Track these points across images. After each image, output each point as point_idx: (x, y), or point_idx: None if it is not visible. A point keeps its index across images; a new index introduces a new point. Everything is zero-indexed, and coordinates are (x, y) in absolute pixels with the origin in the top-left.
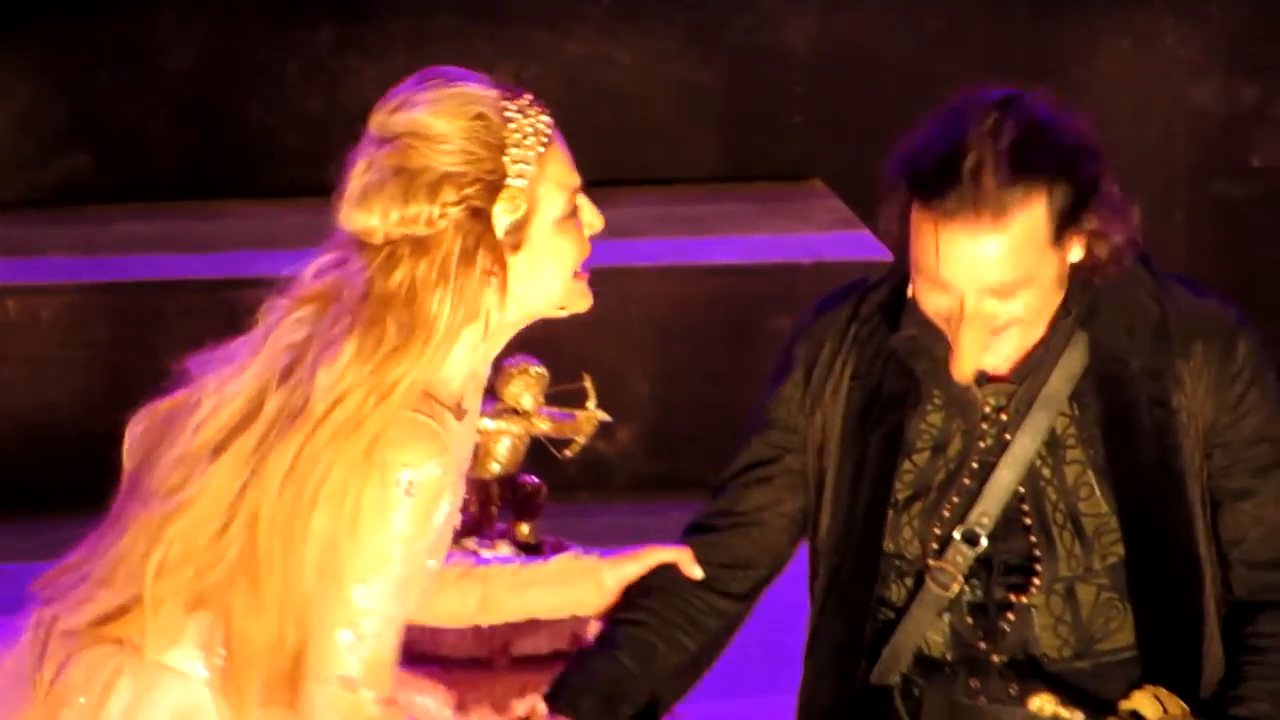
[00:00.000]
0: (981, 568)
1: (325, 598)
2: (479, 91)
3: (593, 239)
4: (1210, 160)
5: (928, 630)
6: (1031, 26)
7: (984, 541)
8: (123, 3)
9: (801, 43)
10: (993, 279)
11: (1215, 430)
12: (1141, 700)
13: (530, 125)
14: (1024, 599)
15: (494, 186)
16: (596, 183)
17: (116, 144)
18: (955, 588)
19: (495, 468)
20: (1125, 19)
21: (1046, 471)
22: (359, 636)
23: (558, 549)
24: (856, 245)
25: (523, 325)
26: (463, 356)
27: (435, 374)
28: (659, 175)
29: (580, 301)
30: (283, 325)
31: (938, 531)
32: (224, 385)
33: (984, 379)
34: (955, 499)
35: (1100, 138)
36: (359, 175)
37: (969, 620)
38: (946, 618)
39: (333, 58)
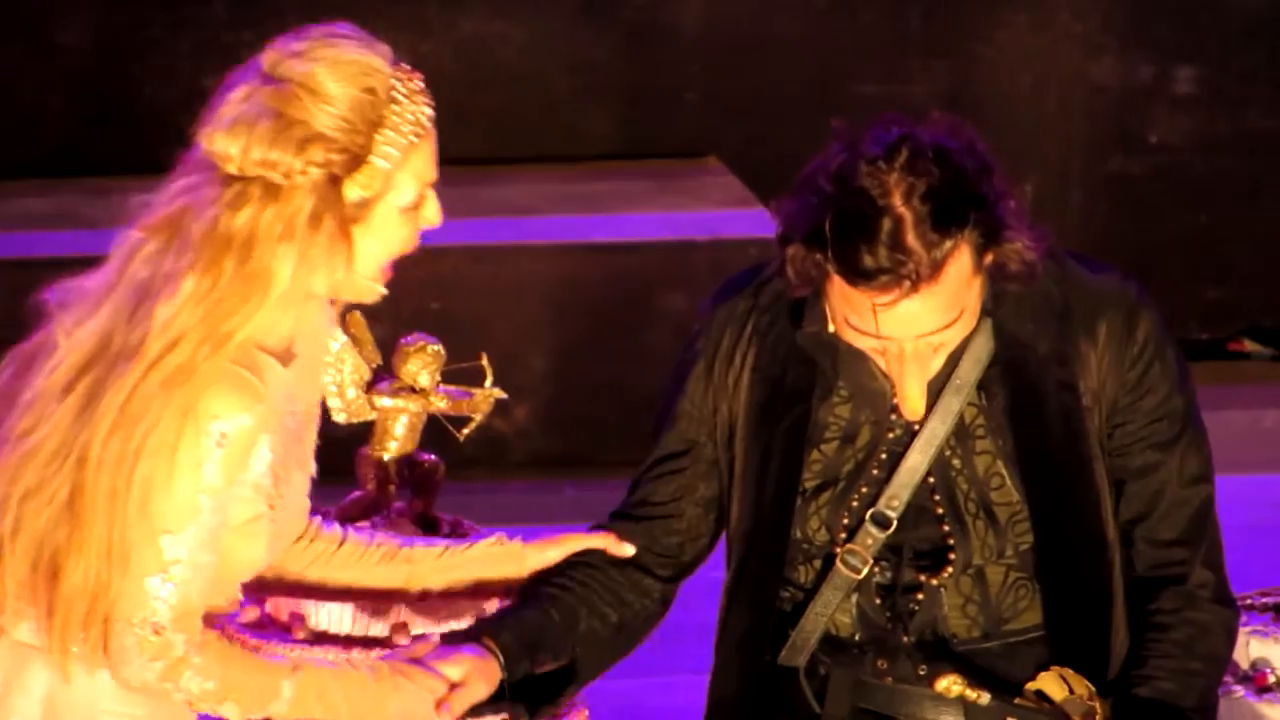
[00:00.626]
0: (890, 551)
1: (134, 543)
2: (377, 65)
3: (483, 221)
4: (1107, 136)
5: (836, 612)
6: (927, 1)
7: (894, 524)
8: None
9: (695, 19)
10: (932, 326)
11: (1117, 409)
12: (1048, 681)
13: (411, 114)
14: (933, 580)
15: (357, 160)
16: (490, 160)
17: (8, 120)
18: (865, 570)
19: (393, 446)
20: None
21: (957, 462)
22: (168, 582)
23: (455, 527)
24: (752, 222)
25: (334, 297)
26: (289, 308)
27: (261, 327)
28: (553, 153)
29: (371, 294)
30: (133, 261)
31: (846, 521)
32: (79, 325)
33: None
34: (865, 488)
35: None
36: (235, 102)
37: (877, 601)
38: (855, 598)
39: (225, 33)
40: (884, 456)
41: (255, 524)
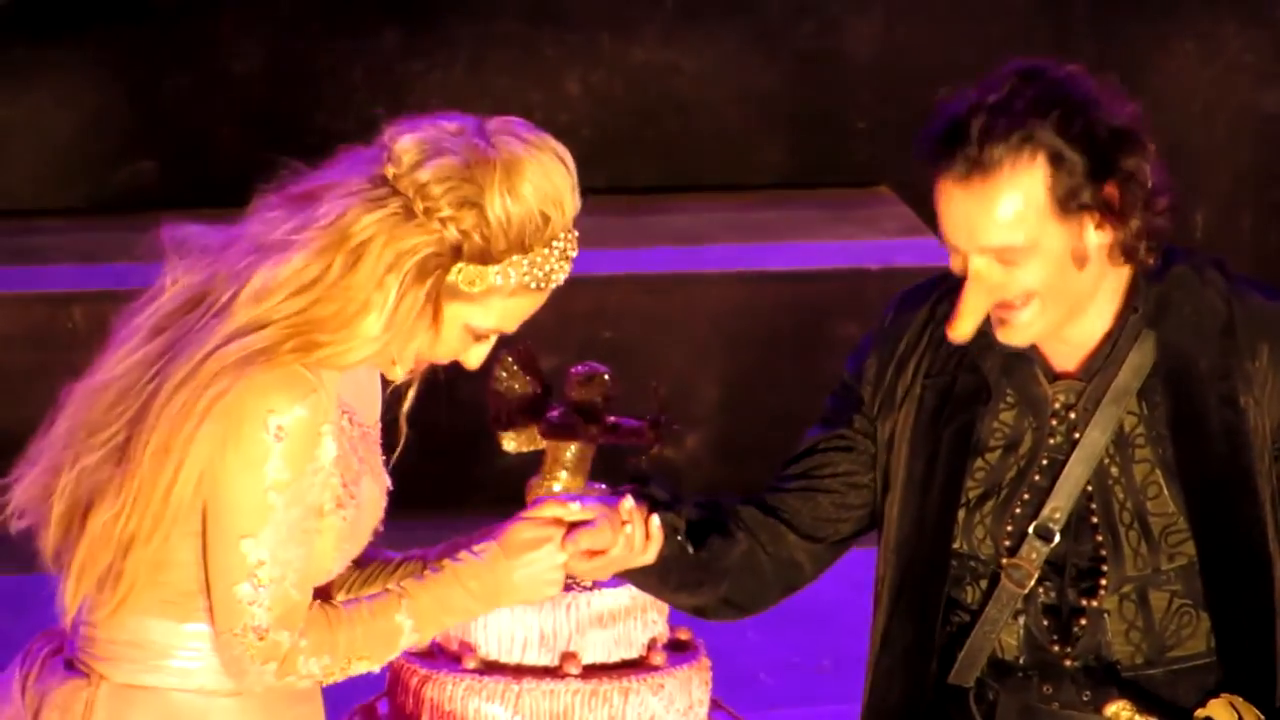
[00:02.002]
0: (1053, 570)
1: (217, 553)
2: (568, 206)
3: (654, 250)
4: (1277, 164)
5: (1002, 632)
6: (1095, 31)
7: (1057, 536)
8: (188, 8)
9: (865, 48)
10: (987, 240)
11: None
12: (1217, 708)
13: (551, 266)
14: (1094, 602)
15: (483, 257)
16: (660, 189)
17: (182, 149)
18: (1030, 584)
19: (563, 475)
20: (1190, 23)
21: (1115, 470)
22: (258, 586)
23: None
24: (923, 251)
25: (358, 361)
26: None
27: (346, 365)
28: (724, 181)
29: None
30: (258, 220)
31: (1010, 529)
32: (188, 272)
33: (1053, 376)
34: (1026, 496)
35: (1145, 124)
36: (444, 129)
37: (1044, 622)
38: (1021, 620)
39: (397, 63)
40: (1045, 463)
41: (328, 519)
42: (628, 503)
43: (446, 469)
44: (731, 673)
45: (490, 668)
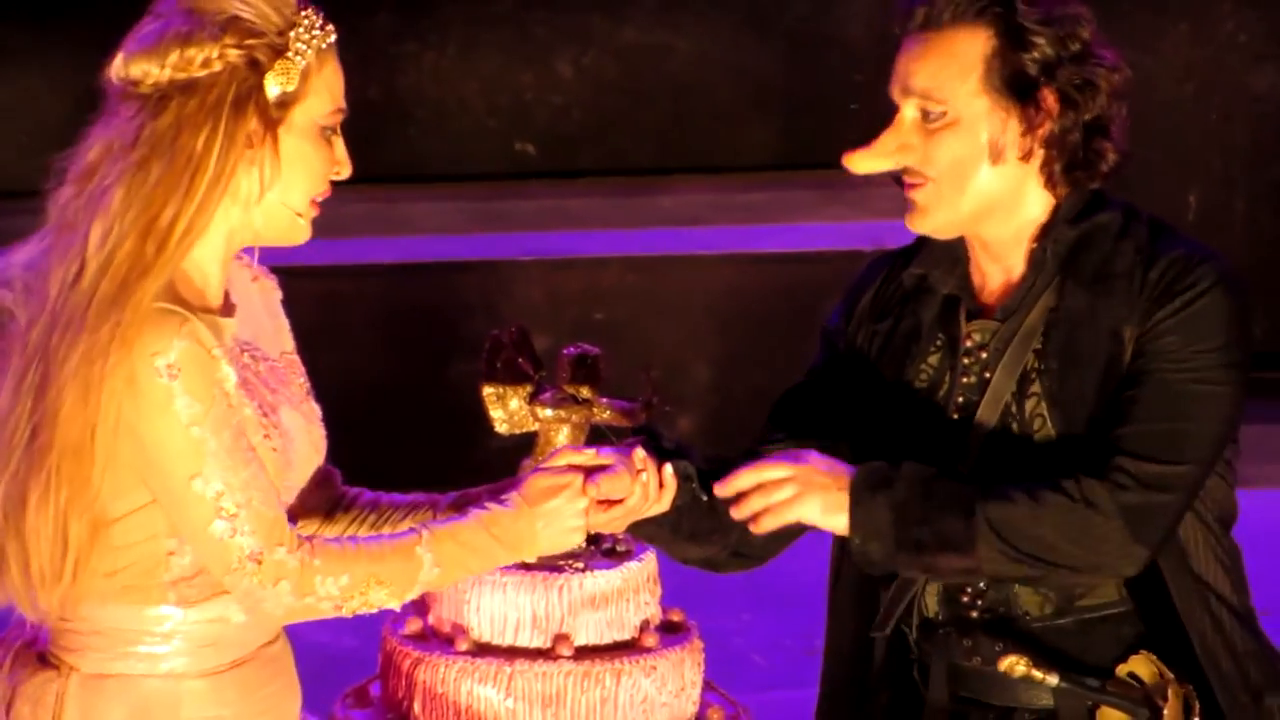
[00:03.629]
0: None
1: (177, 507)
2: None
3: (646, 231)
4: (1270, 145)
5: (926, 590)
6: (1090, 10)
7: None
8: None
9: (858, 29)
10: (914, 81)
11: (1139, 344)
12: (1139, 664)
13: (319, 20)
14: None
15: (275, 49)
16: (653, 170)
17: None
18: None
19: None
20: (1183, 4)
21: (1014, 407)
22: (230, 516)
23: (616, 544)
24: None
25: (257, 239)
26: (209, 248)
27: (204, 228)
28: (716, 163)
29: (301, 233)
30: (65, 211)
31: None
32: (29, 291)
33: (971, 314)
34: (949, 433)
35: (1123, 79)
36: (145, 25)
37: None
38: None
39: (390, 44)
40: (960, 401)
41: (258, 453)
42: (640, 452)
43: (436, 450)
44: (724, 654)
45: (483, 650)
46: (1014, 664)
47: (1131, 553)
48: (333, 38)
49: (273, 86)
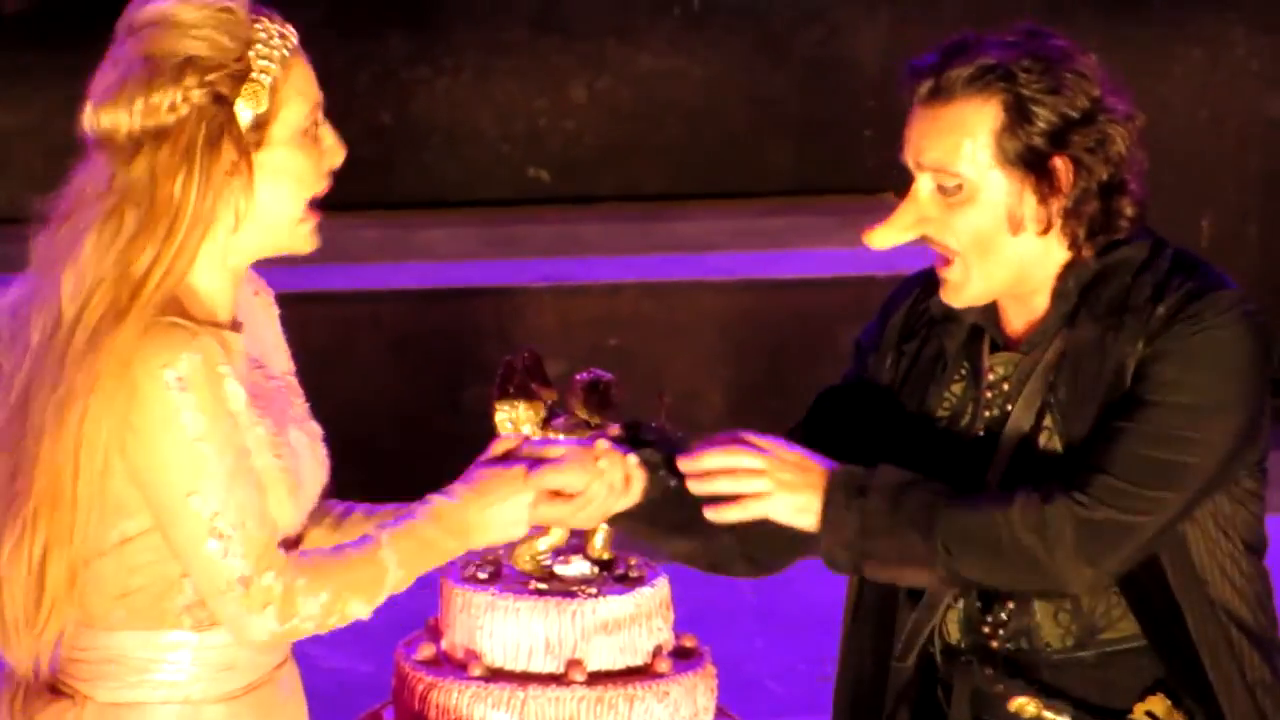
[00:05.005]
0: None
1: (172, 523)
2: None
3: (661, 257)
4: None
5: (948, 617)
6: (1103, 38)
7: None
8: None
9: (872, 55)
10: (927, 156)
11: (1137, 367)
12: (1156, 704)
13: (276, 29)
14: None
15: (238, 76)
16: (667, 196)
17: None
18: None
19: None
20: (1197, 30)
21: (1031, 441)
22: (224, 537)
23: (630, 566)
24: (930, 258)
25: (261, 252)
26: (211, 268)
27: (184, 271)
28: (731, 189)
29: (305, 241)
30: (44, 254)
31: None
32: (15, 339)
33: (995, 346)
34: (967, 468)
35: (1137, 128)
36: (103, 74)
37: (977, 605)
38: (960, 604)
39: (403, 69)
40: (981, 434)
41: (269, 475)
42: (602, 442)
43: (449, 475)
44: (737, 680)
45: (496, 675)
46: (1024, 705)
47: (1078, 571)
48: (294, 40)
49: (244, 112)
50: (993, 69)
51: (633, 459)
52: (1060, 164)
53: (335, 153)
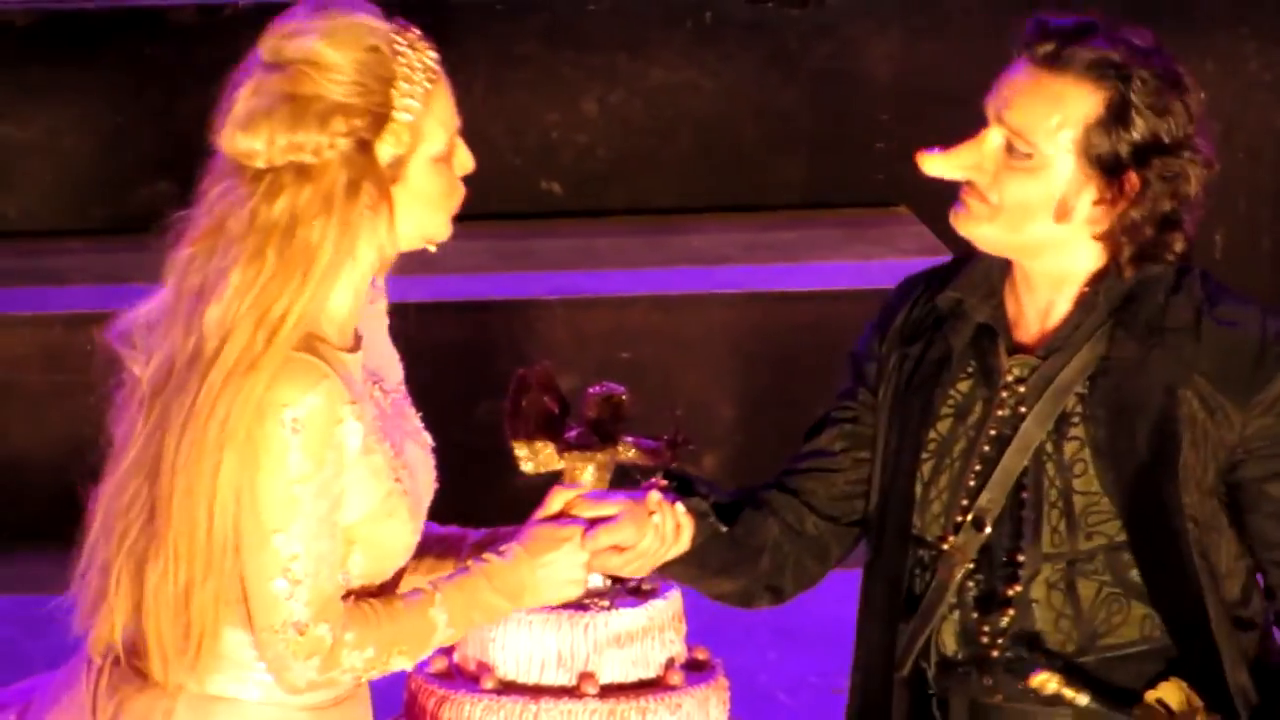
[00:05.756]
0: (985, 559)
1: (250, 552)
2: (373, 23)
3: (672, 270)
4: None
5: (943, 629)
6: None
7: (989, 528)
8: (206, 29)
9: (884, 68)
10: (1010, 113)
11: (1246, 439)
12: (1168, 690)
13: (419, 60)
14: (1018, 588)
15: (381, 119)
16: (679, 209)
17: (200, 171)
18: (958, 573)
19: None
20: (1209, 43)
21: (1049, 447)
22: (294, 581)
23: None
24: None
25: (389, 264)
26: (345, 292)
27: (320, 309)
28: (742, 202)
29: (443, 232)
30: (186, 276)
31: (965, 504)
32: (151, 354)
33: (1013, 348)
34: (978, 467)
35: (1210, 164)
36: (245, 98)
37: (974, 615)
38: (956, 614)
39: None
40: (992, 434)
41: (390, 500)
42: (654, 495)
43: (463, 488)
44: (750, 693)
45: (508, 688)
46: (1046, 681)
47: None
48: (435, 68)
49: (385, 152)
50: (1115, 64)
51: (681, 508)
52: (1132, 180)
53: (467, 165)
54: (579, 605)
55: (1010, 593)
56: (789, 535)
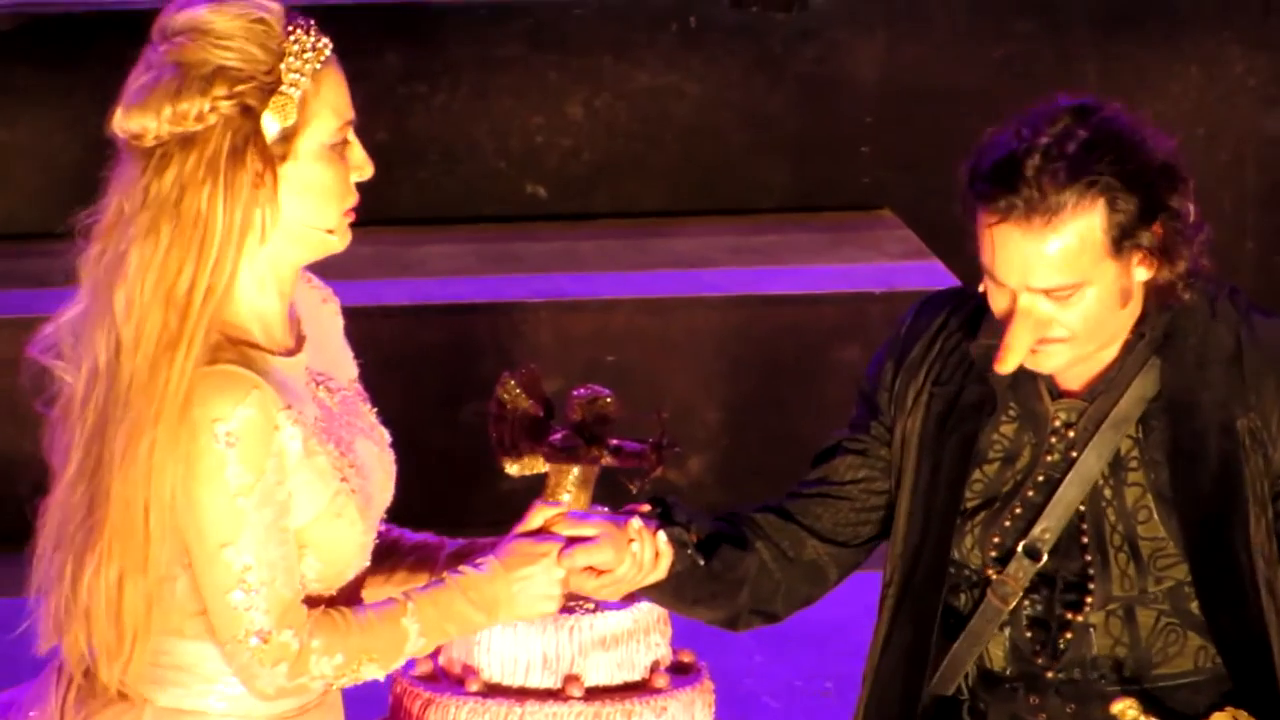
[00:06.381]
0: (1043, 583)
1: (203, 567)
2: (263, 1)
3: (657, 273)
4: None
5: (989, 643)
6: (1099, 54)
7: (1045, 556)
8: None
9: (869, 72)
10: (1042, 281)
11: None
12: (1229, 717)
13: (310, 41)
14: (1080, 617)
15: (267, 89)
16: (664, 213)
17: None
18: (1013, 602)
19: (566, 499)
20: (1193, 47)
21: (1108, 492)
22: (250, 591)
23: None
24: (926, 275)
25: (301, 261)
26: (251, 285)
27: (223, 286)
28: (727, 205)
29: (336, 245)
30: (94, 270)
31: (996, 541)
32: (80, 358)
33: (1057, 393)
34: (1019, 510)
35: (1183, 158)
36: (136, 77)
37: (1028, 635)
38: (1007, 631)
39: (400, 85)
40: (1040, 480)
41: (337, 500)
42: (635, 522)
43: (447, 492)
44: (735, 695)
45: (493, 690)
46: (1126, 709)
47: None
48: (327, 53)
49: (270, 125)
50: (1084, 175)
51: (662, 537)
52: (1159, 228)
53: (363, 168)
54: (564, 608)
55: (1070, 618)
56: (781, 563)
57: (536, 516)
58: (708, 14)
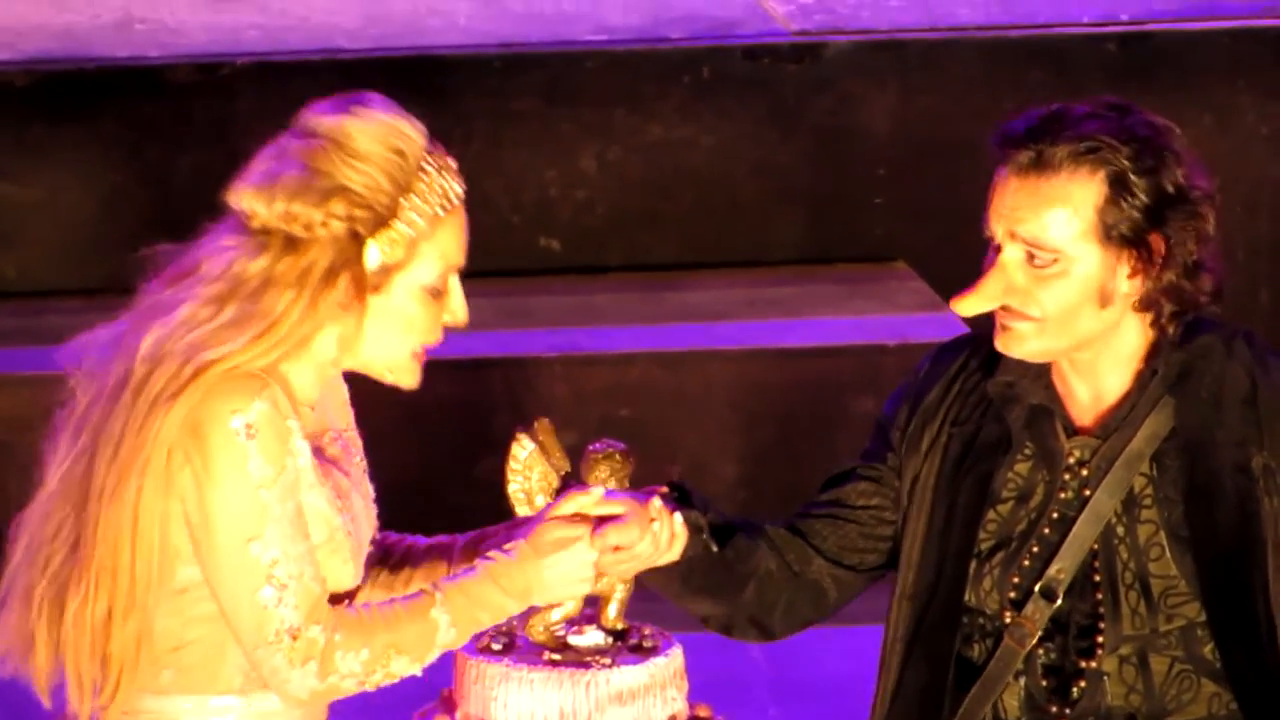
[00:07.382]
0: (1056, 629)
1: (227, 569)
2: (409, 132)
3: (671, 327)
4: None
5: (1004, 692)
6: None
7: (1060, 597)
8: (205, 88)
9: (882, 124)
10: (1021, 227)
11: None
12: None
13: (440, 185)
14: (1093, 663)
15: (381, 221)
16: (677, 265)
17: (199, 229)
18: (1030, 643)
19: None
20: (1206, 96)
21: (1121, 530)
22: (280, 586)
23: (645, 636)
24: (941, 327)
25: (350, 370)
26: (302, 367)
27: (253, 371)
28: (741, 258)
29: (408, 377)
30: (145, 302)
31: (1016, 581)
32: (91, 373)
33: (1072, 430)
34: (1035, 549)
35: (1214, 203)
36: (265, 159)
37: (1043, 683)
38: (1022, 680)
39: None
40: (1055, 517)
41: (337, 536)
42: (656, 501)
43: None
44: None
45: None
46: None
47: None
48: (455, 201)
49: (373, 255)
50: (1097, 144)
51: (679, 518)
52: (1157, 241)
53: (457, 314)
54: (580, 663)
55: (1084, 665)
56: (786, 575)
57: (570, 503)
58: (720, 65)
